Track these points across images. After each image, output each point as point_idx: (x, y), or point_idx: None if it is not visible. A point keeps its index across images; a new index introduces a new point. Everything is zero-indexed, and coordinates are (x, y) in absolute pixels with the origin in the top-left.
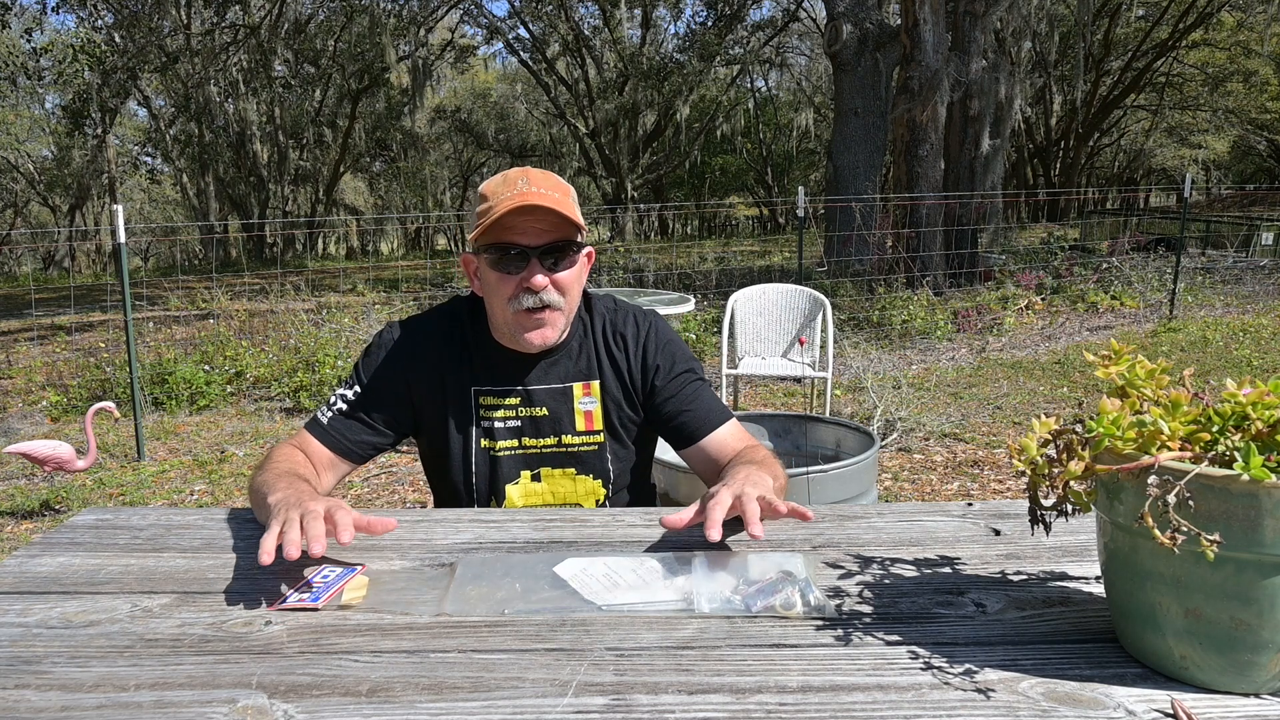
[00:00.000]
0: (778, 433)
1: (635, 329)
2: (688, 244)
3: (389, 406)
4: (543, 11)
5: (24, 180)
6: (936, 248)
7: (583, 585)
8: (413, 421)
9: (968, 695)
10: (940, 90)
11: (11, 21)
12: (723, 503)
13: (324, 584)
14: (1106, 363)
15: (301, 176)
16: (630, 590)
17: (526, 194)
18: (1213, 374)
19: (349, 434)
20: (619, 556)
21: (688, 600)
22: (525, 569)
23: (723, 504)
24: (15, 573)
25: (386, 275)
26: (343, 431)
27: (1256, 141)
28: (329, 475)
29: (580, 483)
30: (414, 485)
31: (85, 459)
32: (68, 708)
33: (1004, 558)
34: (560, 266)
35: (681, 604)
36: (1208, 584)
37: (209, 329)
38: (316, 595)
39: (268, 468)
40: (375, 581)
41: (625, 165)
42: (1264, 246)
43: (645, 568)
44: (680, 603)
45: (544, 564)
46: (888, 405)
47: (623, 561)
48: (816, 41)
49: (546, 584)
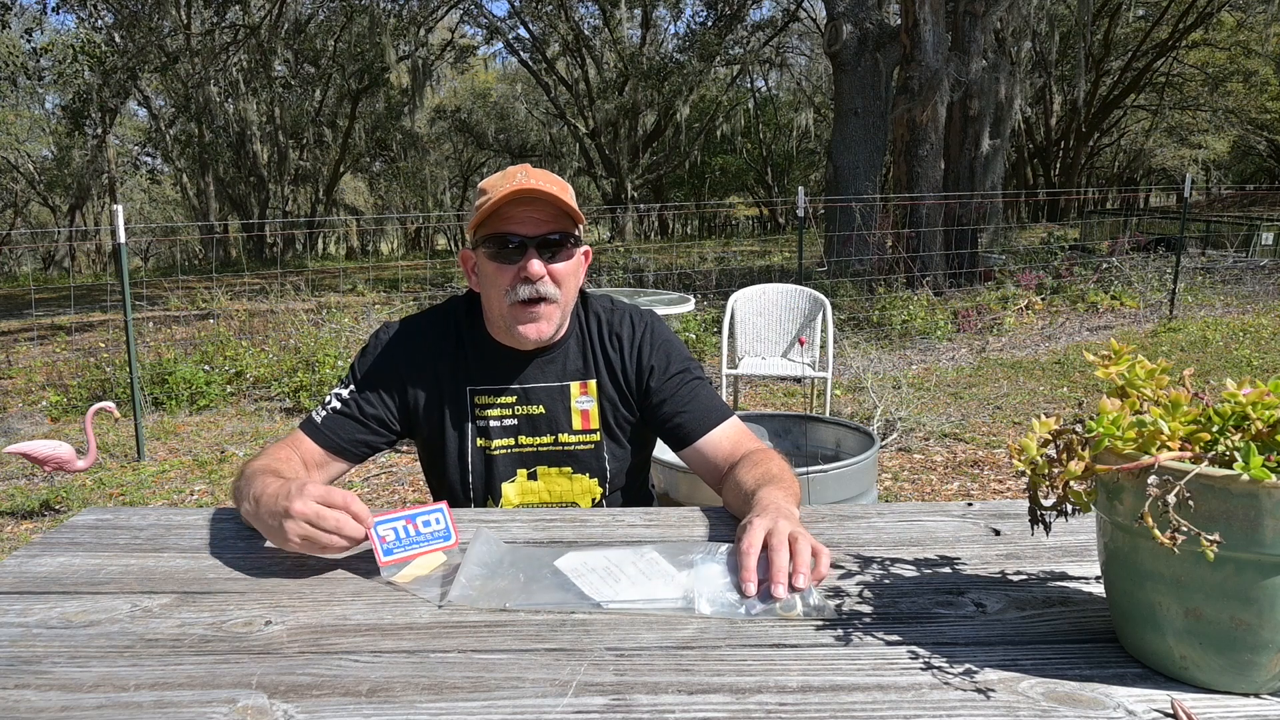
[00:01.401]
0: (778, 433)
1: (631, 329)
2: (688, 244)
3: (384, 405)
4: (543, 11)
5: (24, 180)
6: (936, 248)
7: (583, 580)
8: (408, 420)
9: (968, 695)
10: (940, 90)
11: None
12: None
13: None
14: (1106, 363)
15: (301, 176)
16: (631, 586)
17: (526, 183)
18: (1213, 374)
19: (343, 433)
20: (620, 549)
21: (688, 598)
22: (529, 560)
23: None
24: (15, 573)
25: (386, 275)
26: (336, 430)
27: (1256, 141)
28: (321, 475)
29: (577, 481)
30: (414, 485)
31: (85, 459)
32: (68, 708)
33: (1004, 558)
34: (558, 258)
35: (681, 602)
36: (1208, 584)
37: (209, 329)
38: (390, 550)
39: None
40: (376, 586)
41: (625, 165)
42: (1264, 246)
43: (645, 560)
44: (680, 601)
45: (546, 556)
46: (888, 405)
47: (624, 555)
48: (816, 41)
49: (549, 575)
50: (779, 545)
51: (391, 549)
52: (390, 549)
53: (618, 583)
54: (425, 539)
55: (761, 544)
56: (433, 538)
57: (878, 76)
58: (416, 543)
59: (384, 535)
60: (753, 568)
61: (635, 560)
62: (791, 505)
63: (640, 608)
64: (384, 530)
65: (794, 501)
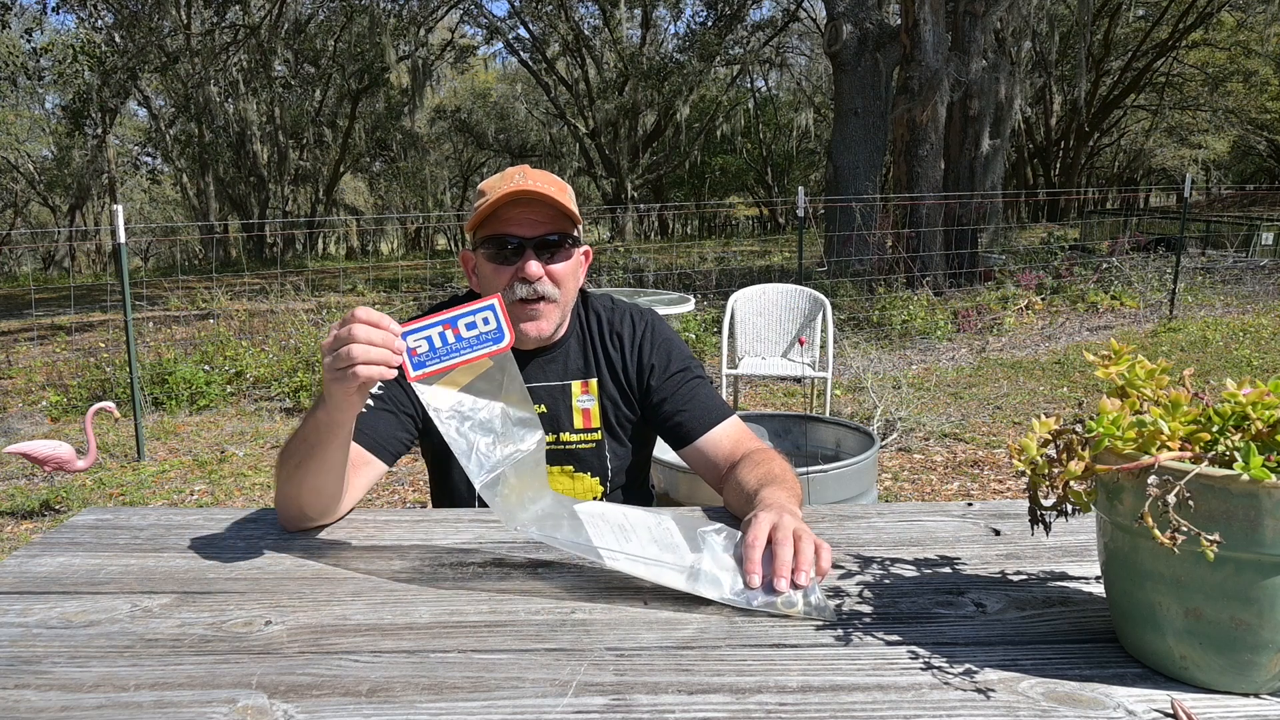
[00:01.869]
0: (778, 433)
1: (632, 328)
2: (688, 244)
3: (411, 402)
4: (543, 11)
5: (24, 180)
6: (936, 248)
7: (596, 529)
8: (426, 419)
9: (968, 695)
10: (940, 90)
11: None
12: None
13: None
14: (1106, 363)
15: (301, 176)
16: (639, 546)
17: (523, 185)
18: (1213, 374)
19: (383, 428)
20: (642, 511)
21: (691, 575)
22: (555, 499)
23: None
24: (15, 573)
25: (386, 275)
26: (375, 426)
27: (1256, 141)
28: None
29: (579, 481)
30: (414, 485)
31: (85, 459)
32: (68, 708)
33: (1004, 558)
34: (556, 259)
35: (682, 576)
36: (1208, 584)
37: (209, 329)
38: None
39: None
40: (376, 586)
41: (625, 165)
42: (1264, 246)
43: (661, 528)
44: (681, 574)
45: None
46: (888, 405)
47: (643, 517)
48: (816, 41)
49: (566, 518)
50: (784, 540)
51: (424, 361)
52: (423, 361)
53: (628, 541)
54: (469, 344)
55: (766, 539)
56: (479, 341)
57: (878, 76)
58: (457, 351)
59: (415, 347)
60: (757, 560)
61: (652, 526)
62: (794, 505)
63: (642, 568)
64: (415, 341)
65: (796, 501)
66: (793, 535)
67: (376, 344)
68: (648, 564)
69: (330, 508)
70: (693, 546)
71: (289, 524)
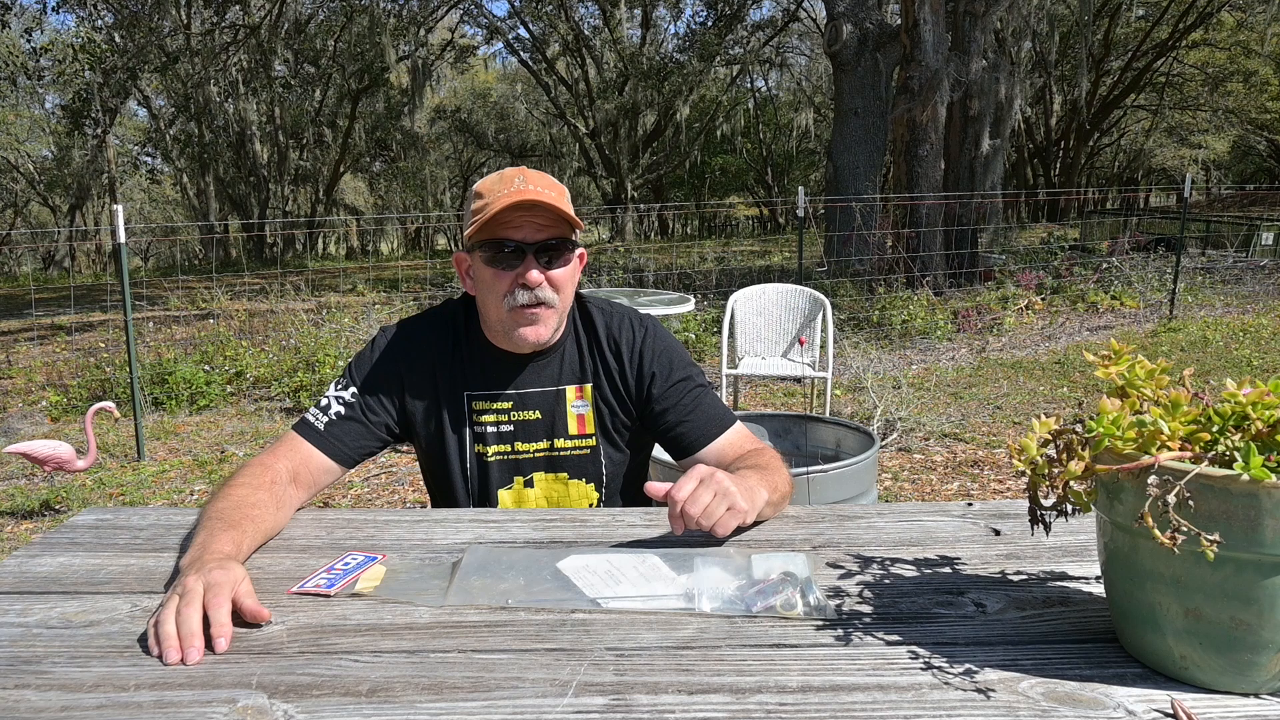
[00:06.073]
0: (778, 433)
1: (631, 335)
2: (688, 244)
3: (386, 410)
4: (543, 11)
5: (24, 180)
6: (936, 248)
7: (584, 581)
8: (407, 425)
9: (968, 695)
10: (940, 90)
11: (11, 21)
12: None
13: (343, 570)
14: (1106, 363)
15: (301, 176)
16: (631, 586)
17: (524, 191)
18: (1213, 374)
19: (347, 439)
20: (622, 553)
21: (689, 598)
22: (529, 563)
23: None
24: (15, 573)
25: (386, 275)
26: (340, 437)
27: (1256, 141)
28: (313, 480)
29: (573, 487)
30: (414, 485)
31: (85, 459)
32: (68, 708)
33: (1004, 558)
34: (556, 264)
35: (682, 601)
36: (1208, 584)
37: (209, 329)
38: (332, 582)
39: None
40: (379, 581)
41: (625, 165)
42: (1264, 246)
43: (647, 565)
44: (681, 600)
45: (547, 559)
46: (888, 405)
47: (626, 558)
48: (816, 41)
49: (549, 577)
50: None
51: (332, 582)
52: (331, 582)
53: (619, 584)
54: (354, 568)
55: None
56: (361, 564)
57: (878, 76)
58: (349, 572)
59: (315, 585)
60: (678, 515)
61: (637, 564)
62: (758, 485)
63: (640, 605)
64: (312, 584)
65: (767, 488)
66: (714, 491)
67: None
68: (645, 600)
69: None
70: (681, 570)
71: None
